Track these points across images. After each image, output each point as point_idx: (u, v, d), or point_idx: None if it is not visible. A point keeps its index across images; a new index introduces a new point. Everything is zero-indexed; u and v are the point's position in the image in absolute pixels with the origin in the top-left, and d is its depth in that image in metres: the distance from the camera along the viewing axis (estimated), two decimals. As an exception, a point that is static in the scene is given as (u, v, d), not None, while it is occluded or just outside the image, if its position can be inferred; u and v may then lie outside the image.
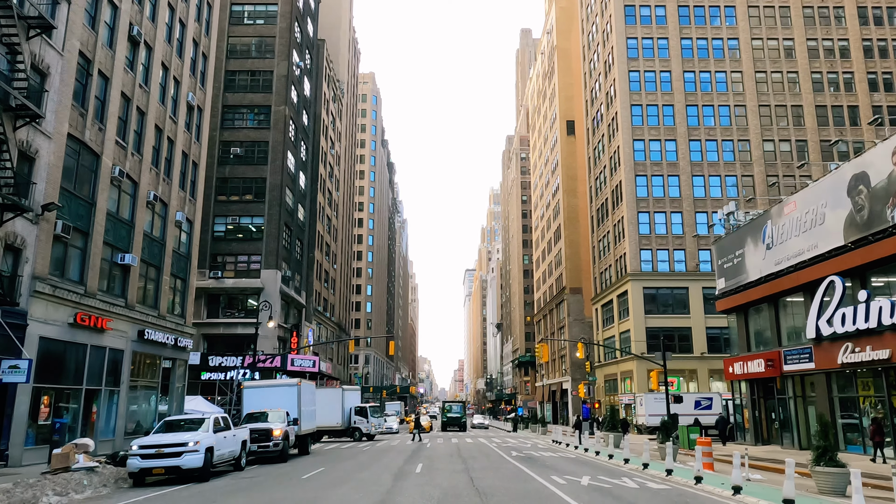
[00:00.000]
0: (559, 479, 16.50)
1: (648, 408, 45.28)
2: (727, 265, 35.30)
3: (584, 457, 25.99)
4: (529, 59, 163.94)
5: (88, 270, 25.51)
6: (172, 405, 33.91)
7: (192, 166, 36.23)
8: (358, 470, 19.59)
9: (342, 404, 41.15)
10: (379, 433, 55.50)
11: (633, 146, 56.91)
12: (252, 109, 55.93)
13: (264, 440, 23.16)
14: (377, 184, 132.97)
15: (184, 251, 35.31)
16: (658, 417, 44.61)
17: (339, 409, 40.76)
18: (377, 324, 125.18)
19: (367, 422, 41.31)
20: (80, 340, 24.85)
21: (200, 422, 18.97)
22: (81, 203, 25.25)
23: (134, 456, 16.82)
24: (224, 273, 51.91)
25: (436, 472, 18.26)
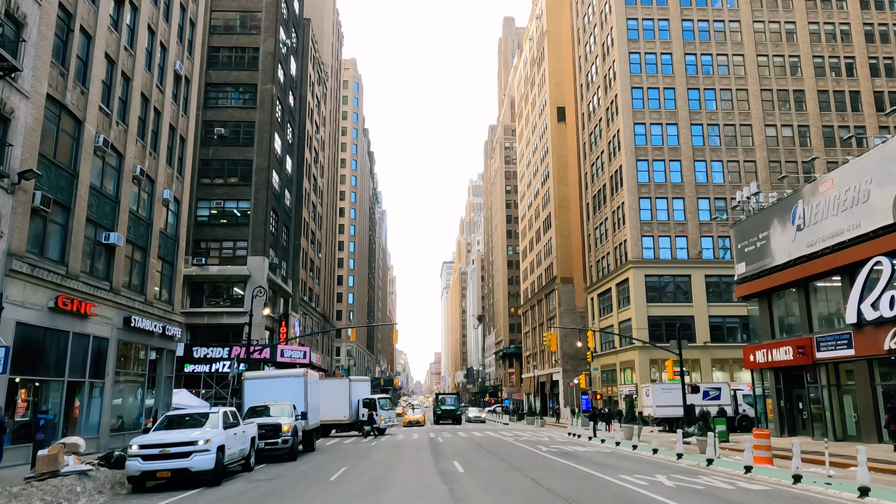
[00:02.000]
0: (634, 479, 14.53)
1: (656, 398, 43.66)
2: (748, 249, 33.70)
3: (620, 451, 24.04)
4: (512, 47, 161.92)
5: (70, 249, 22.84)
6: (159, 399, 31.29)
7: (179, 141, 33.49)
8: (389, 469, 17.35)
9: (349, 396, 38.62)
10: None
11: (634, 130, 55.21)
12: (237, 88, 53.01)
13: (272, 436, 20.82)
14: (359, 173, 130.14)
15: (171, 233, 32.62)
16: (666, 408, 43.12)
17: (347, 402, 38.34)
18: (358, 316, 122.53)
19: (376, 415, 38.00)
20: (62, 327, 22.21)
21: (207, 417, 16.63)
22: (62, 174, 22.55)
23: (134, 457, 14.44)
24: (208, 260, 49.10)
25: (484, 472, 16.08)
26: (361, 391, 40.54)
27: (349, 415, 38.15)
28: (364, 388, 41.66)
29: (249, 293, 48.33)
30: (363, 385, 42.01)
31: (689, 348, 51.25)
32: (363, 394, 40.42)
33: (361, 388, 40.91)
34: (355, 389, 39.44)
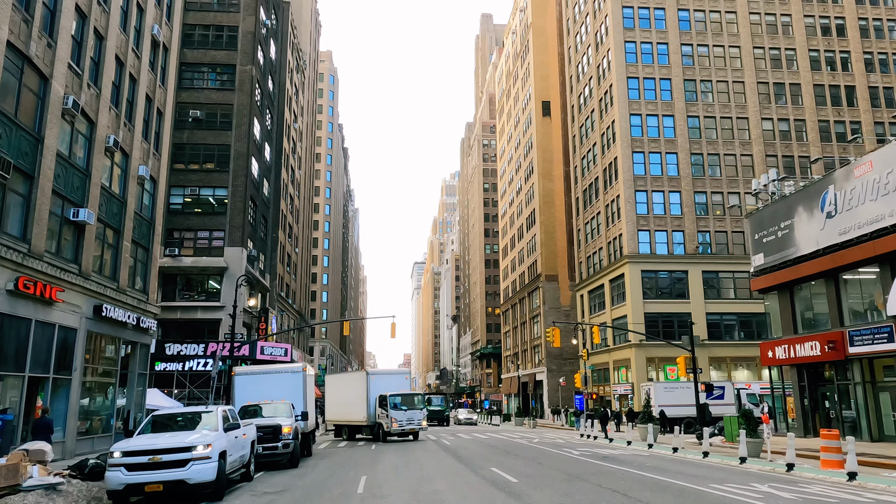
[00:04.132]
0: (733, 489, 12.22)
1: (658, 398, 41.73)
2: (768, 239, 31.90)
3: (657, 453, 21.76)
4: (490, 44, 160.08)
5: (34, 225, 19.73)
6: (132, 399, 28.13)
7: (156, 114, 30.35)
8: (422, 479, 14.60)
9: (367, 394, 32.04)
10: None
11: (630, 121, 53.44)
12: (214, 68, 49.68)
13: (272, 440, 18.03)
14: (334, 168, 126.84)
15: (147, 214, 29.47)
16: (670, 408, 41.29)
17: (364, 400, 32.11)
18: (332, 314, 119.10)
19: (386, 416, 30.43)
20: (23, 314, 19.11)
21: (202, 417, 13.84)
22: (24, 136, 19.44)
23: (116, 467, 11.61)
24: (182, 250, 45.71)
25: (542, 481, 13.46)
26: (382, 387, 32.17)
27: (366, 415, 31.99)
28: (391, 383, 33.00)
29: (227, 286, 45.20)
30: (388, 379, 33.54)
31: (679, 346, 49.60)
32: (392, 389, 31.93)
33: (383, 384, 32.53)
34: (375, 385, 32.24)
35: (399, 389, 31.69)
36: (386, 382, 32.36)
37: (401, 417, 29.77)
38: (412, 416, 30.14)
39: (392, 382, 32.59)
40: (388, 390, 31.17)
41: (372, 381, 32.27)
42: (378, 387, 31.79)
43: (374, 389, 31.87)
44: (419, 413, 30.71)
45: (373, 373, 33.44)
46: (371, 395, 31.63)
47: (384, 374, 34.37)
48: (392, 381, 32.77)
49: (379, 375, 33.45)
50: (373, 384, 32.11)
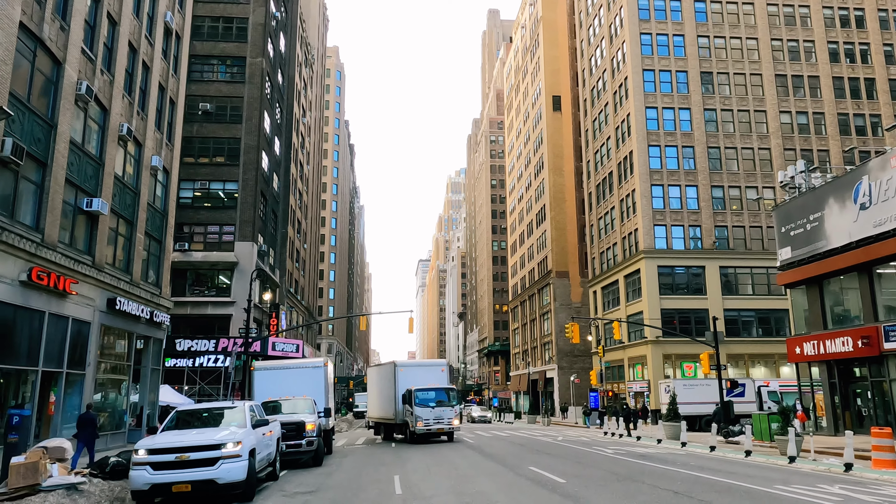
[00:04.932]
0: (799, 490, 11.45)
1: (678, 395, 40.89)
2: (795, 232, 31.04)
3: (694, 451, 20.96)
4: (497, 40, 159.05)
5: (47, 213, 19.02)
6: (145, 395, 27.48)
7: (169, 104, 29.64)
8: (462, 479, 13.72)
9: (395, 389, 28.32)
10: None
11: (646, 114, 52.54)
12: (224, 61, 48.97)
13: (295, 437, 17.29)
14: (340, 164, 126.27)
15: (160, 206, 28.78)
16: (691, 406, 40.51)
17: (393, 396, 28.62)
18: (339, 311, 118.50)
19: (411, 414, 26.63)
20: (36, 306, 18.41)
21: (227, 412, 13.10)
22: (38, 122, 18.74)
23: (141, 466, 10.88)
24: (192, 245, 45.02)
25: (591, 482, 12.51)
26: (416, 380, 27.89)
27: (395, 412, 28.50)
28: (424, 376, 28.60)
29: (237, 281, 44.58)
30: (419, 372, 29.11)
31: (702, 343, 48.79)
32: (425, 384, 27.69)
33: (416, 377, 28.33)
34: (404, 379, 28.19)
35: (432, 383, 27.54)
36: (417, 376, 28.29)
37: (427, 416, 26.09)
38: (441, 414, 26.33)
39: (424, 375, 28.42)
40: (420, 385, 27.22)
41: (400, 375, 28.46)
42: (408, 381, 27.80)
43: (402, 384, 28.00)
44: (450, 410, 26.64)
45: (402, 364, 29.35)
46: (399, 389, 27.94)
47: (415, 367, 30.02)
48: (424, 374, 28.58)
49: (409, 368, 29.26)
50: (402, 378, 28.32)
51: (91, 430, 16.34)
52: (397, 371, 28.65)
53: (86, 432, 16.31)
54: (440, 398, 26.87)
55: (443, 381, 28.47)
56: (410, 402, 26.63)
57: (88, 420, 16.93)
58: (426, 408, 26.41)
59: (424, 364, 31.27)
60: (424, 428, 26.14)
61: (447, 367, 29.99)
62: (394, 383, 28.49)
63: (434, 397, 26.77)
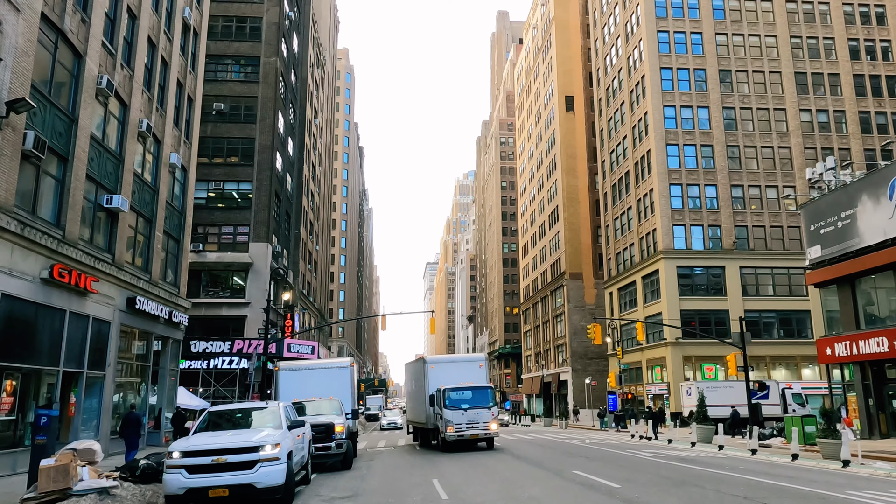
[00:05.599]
0: (875, 496, 10.76)
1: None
2: (826, 230, 30.28)
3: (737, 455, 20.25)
4: (507, 42, 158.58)
5: (68, 210, 18.56)
6: (163, 397, 26.99)
7: (187, 101, 29.22)
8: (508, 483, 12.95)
9: (426, 389, 24.82)
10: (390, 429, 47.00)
11: (664, 112, 51.84)
12: (238, 60, 48.60)
13: (324, 440, 16.72)
14: (350, 166, 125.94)
15: (178, 205, 28.32)
16: (714, 409, 39.58)
17: (424, 398, 25.17)
18: (349, 314, 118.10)
19: (441, 417, 23.23)
20: (57, 304, 17.94)
21: (260, 415, 12.53)
22: (58, 116, 18.29)
23: (176, 469, 10.32)
24: (206, 246, 44.59)
25: (647, 489, 11.52)
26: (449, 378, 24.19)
27: (426, 415, 24.97)
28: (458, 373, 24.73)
29: (252, 282, 44.17)
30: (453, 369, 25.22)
31: (722, 344, 48.01)
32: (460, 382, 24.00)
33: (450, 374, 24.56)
34: (436, 377, 24.52)
35: (468, 381, 23.84)
36: (450, 373, 24.47)
37: (459, 419, 22.45)
38: (475, 418, 22.58)
39: (458, 373, 24.51)
40: (455, 383, 23.63)
41: (431, 373, 24.71)
42: (439, 379, 24.19)
43: (433, 383, 24.34)
44: (486, 413, 22.85)
45: (432, 361, 25.69)
46: (430, 389, 24.32)
47: (447, 363, 26.07)
48: (458, 371, 24.63)
49: (441, 364, 25.48)
50: (432, 376, 24.62)
51: (136, 430, 16.84)
52: (427, 368, 25.05)
53: (130, 432, 16.82)
54: (475, 399, 23.01)
55: (481, 379, 24.61)
56: (440, 403, 23.09)
57: (133, 420, 17.34)
58: (458, 410, 22.66)
59: (458, 360, 26.93)
60: (456, 434, 22.31)
61: (486, 362, 25.66)
62: (424, 383, 25.09)
63: (467, 398, 22.95)
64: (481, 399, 23.20)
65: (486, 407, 23.25)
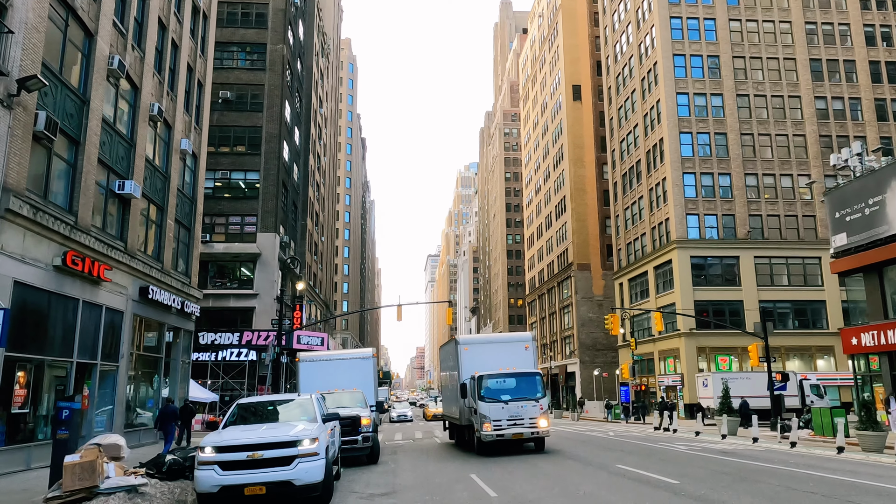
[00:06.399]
0: None
1: (717, 389, 39.47)
2: (852, 217, 29.51)
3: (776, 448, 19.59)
4: (510, 32, 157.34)
5: (80, 195, 17.84)
6: (175, 389, 26.33)
7: (197, 86, 28.43)
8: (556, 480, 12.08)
9: (459, 377, 20.18)
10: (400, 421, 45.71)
11: (677, 100, 50.98)
12: (244, 48, 47.75)
13: (350, 433, 16.04)
14: (353, 158, 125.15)
15: (188, 192, 27.58)
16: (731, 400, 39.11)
17: (457, 387, 20.31)
18: (353, 307, 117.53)
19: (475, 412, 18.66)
20: (70, 293, 17.25)
21: (293, 407, 11.86)
22: (70, 97, 17.53)
23: (208, 466, 9.64)
24: (213, 236, 43.86)
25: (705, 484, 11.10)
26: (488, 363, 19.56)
27: (460, 409, 20.43)
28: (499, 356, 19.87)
29: (260, 273, 43.53)
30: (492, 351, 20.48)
31: (736, 335, 47.39)
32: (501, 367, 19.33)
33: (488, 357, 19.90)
34: (471, 361, 19.89)
35: (510, 366, 19.18)
36: (489, 356, 19.88)
37: (498, 415, 17.83)
38: (520, 413, 17.92)
39: (499, 355, 19.80)
40: (494, 368, 19.11)
41: (465, 356, 20.13)
42: (475, 363, 19.70)
43: (467, 368, 19.85)
44: (533, 406, 18.12)
45: (466, 341, 20.91)
46: (463, 377, 19.82)
47: (485, 344, 21.45)
48: (499, 354, 19.91)
49: (476, 346, 20.86)
50: (466, 360, 20.02)
51: (173, 422, 17.22)
52: (460, 351, 20.35)
53: (168, 424, 17.19)
54: (519, 388, 18.47)
55: (527, 363, 19.86)
56: (474, 394, 18.53)
57: (170, 413, 17.71)
58: (497, 403, 17.98)
59: (499, 340, 22.26)
60: (494, 433, 17.76)
61: (533, 343, 20.87)
62: (457, 369, 20.52)
63: (509, 387, 18.48)
64: (527, 388, 18.53)
65: (534, 398, 18.32)
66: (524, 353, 20.09)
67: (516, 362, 19.47)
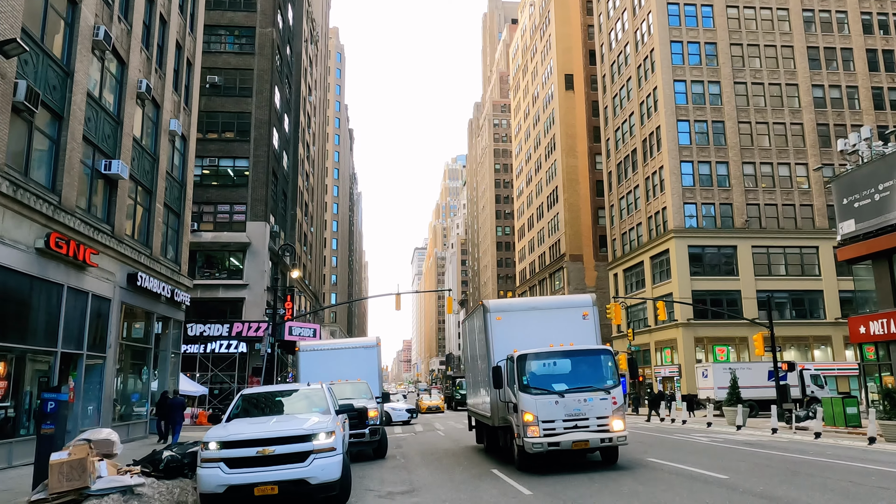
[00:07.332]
0: None
1: (717, 380, 38.95)
2: (861, 203, 28.88)
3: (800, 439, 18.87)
4: (499, 22, 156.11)
5: (64, 173, 16.64)
6: (165, 381, 25.18)
7: (186, 64, 27.15)
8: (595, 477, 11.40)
9: (489, 357, 14.43)
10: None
11: (674, 87, 50.24)
12: (232, 31, 46.29)
13: (358, 426, 15.00)
14: (341, 148, 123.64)
15: (178, 176, 26.35)
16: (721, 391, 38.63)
17: (486, 370, 14.72)
18: (341, 299, 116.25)
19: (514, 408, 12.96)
20: (54, 278, 16.08)
21: (303, 397, 10.86)
22: (52, 67, 16.30)
23: (213, 463, 8.60)
24: (201, 225, 42.54)
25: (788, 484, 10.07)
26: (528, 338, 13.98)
27: (490, 404, 14.68)
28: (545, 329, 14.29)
29: (249, 263, 42.33)
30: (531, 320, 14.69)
31: (735, 325, 46.94)
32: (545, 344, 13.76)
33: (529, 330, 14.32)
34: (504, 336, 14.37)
35: (560, 343, 13.58)
36: (531, 328, 14.31)
37: (549, 412, 12.32)
38: (582, 410, 12.37)
39: (544, 325, 14.31)
40: (538, 344, 13.57)
41: (497, 329, 14.45)
42: (513, 338, 13.97)
43: (501, 346, 14.18)
44: (601, 400, 12.51)
45: (498, 308, 14.99)
46: (495, 358, 14.16)
47: (526, 311, 15.20)
48: (545, 324, 14.36)
49: (513, 314, 14.86)
50: (499, 334, 14.38)
51: (180, 414, 17.40)
52: (490, 322, 14.46)
53: (175, 416, 17.40)
54: (579, 373, 12.80)
55: (587, 337, 14.06)
56: (513, 381, 12.96)
57: (178, 404, 17.92)
58: (548, 395, 12.41)
59: (546, 305, 16.01)
60: (544, 440, 12.06)
61: (594, 308, 14.62)
62: (486, 346, 14.61)
63: (564, 371, 12.89)
64: (592, 373, 12.77)
65: (602, 388, 12.57)
66: (581, 324, 14.25)
67: (572, 336, 13.75)
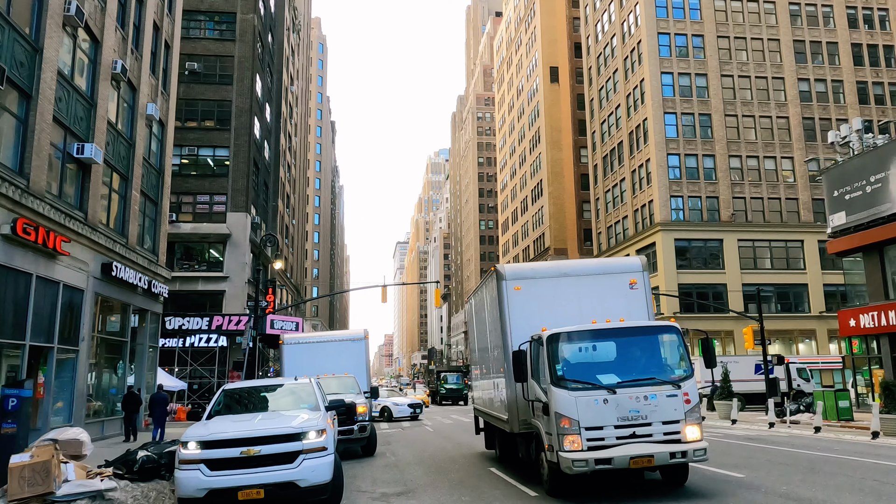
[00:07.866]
0: None
1: (703, 374, 38.79)
2: (852, 195, 28.67)
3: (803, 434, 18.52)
4: (483, 15, 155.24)
5: (33, 155, 15.66)
6: (141, 377, 24.22)
7: (164, 46, 26.09)
8: None
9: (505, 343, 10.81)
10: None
11: (661, 80, 49.89)
12: (212, 17, 45.02)
13: (346, 422, 14.31)
14: (323, 140, 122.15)
15: (155, 163, 25.31)
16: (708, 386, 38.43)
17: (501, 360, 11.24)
18: (322, 292, 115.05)
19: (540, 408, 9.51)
20: (22, 266, 15.13)
21: (290, 392, 10.11)
22: (19, 42, 15.30)
23: (192, 465, 7.84)
24: (180, 216, 41.31)
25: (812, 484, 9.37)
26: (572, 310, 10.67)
27: (506, 403, 10.96)
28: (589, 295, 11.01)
29: (230, 254, 41.31)
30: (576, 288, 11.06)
31: (721, 319, 46.87)
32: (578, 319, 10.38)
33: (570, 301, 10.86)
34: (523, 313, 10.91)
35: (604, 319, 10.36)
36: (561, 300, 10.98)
37: (594, 416, 8.84)
38: (643, 411, 8.85)
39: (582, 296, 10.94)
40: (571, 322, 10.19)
41: (515, 302, 11.00)
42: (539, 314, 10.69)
43: (520, 325, 10.76)
44: (670, 398, 9.01)
45: (516, 273, 11.36)
46: (514, 342, 10.66)
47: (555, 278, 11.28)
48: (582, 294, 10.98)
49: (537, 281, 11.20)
50: (517, 310, 10.95)
51: (162, 410, 17.04)
52: (507, 293, 11.07)
53: (158, 412, 17.11)
54: (633, 360, 9.66)
55: (638, 310, 10.95)
56: (539, 371, 9.80)
57: (160, 400, 17.71)
58: (592, 391, 9.05)
59: (580, 270, 11.73)
60: (589, 455, 8.70)
61: (643, 273, 11.33)
62: (501, 325, 11.11)
63: (610, 357, 9.71)
64: (651, 360, 9.71)
65: (669, 381, 9.30)
66: (629, 294, 10.89)
67: (617, 310, 10.46)
